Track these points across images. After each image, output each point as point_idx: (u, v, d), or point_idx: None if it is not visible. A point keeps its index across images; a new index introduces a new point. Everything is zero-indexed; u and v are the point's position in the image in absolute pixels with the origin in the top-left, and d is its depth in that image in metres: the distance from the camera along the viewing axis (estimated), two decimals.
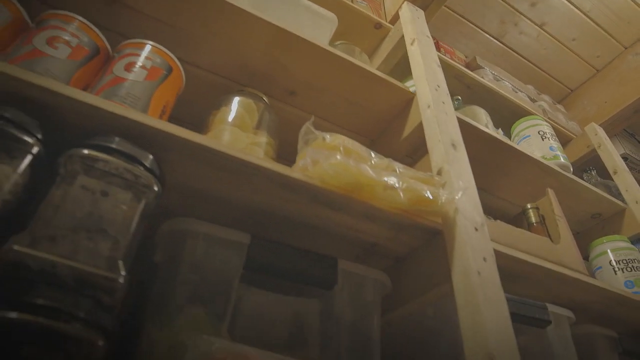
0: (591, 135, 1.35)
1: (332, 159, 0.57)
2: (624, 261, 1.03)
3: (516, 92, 1.41)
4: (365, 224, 0.62)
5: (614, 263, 1.04)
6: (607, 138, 1.33)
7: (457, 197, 0.60)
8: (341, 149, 0.63)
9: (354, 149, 0.65)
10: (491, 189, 1.10)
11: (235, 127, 0.72)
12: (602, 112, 1.49)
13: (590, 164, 1.41)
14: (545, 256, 0.78)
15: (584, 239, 1.13)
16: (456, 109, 1.15)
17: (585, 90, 1.61)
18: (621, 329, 0.97)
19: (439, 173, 0.67)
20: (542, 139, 1.12)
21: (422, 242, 0.66)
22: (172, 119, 0.61)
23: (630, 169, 1.49)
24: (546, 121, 1.21)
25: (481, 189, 1.11)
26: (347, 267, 0.60)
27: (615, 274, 1.03)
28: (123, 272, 0.38)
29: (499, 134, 1.05)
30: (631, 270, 1.01)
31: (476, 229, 0.60)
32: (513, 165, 1.05)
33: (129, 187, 0.44)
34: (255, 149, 0.71)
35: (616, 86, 1.49)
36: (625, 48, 1.52)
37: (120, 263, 0.39)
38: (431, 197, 0.59)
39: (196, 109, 0.79)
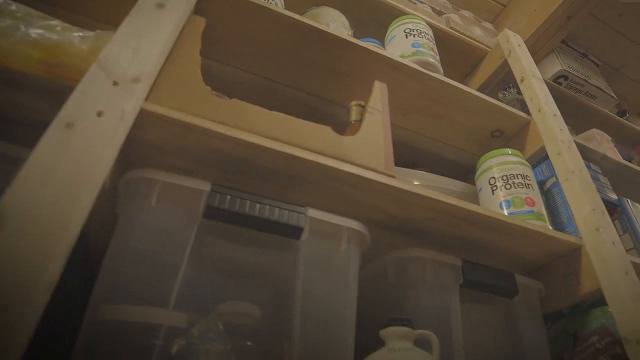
0: (503, 44, 1.10)
1: None
2: (505, 177, 0.80)
3: (414, 3, 1.18)
4: (15, 95, 0.46)
5: (494, 180, 0.81)
6: (521, 45, 1.08)
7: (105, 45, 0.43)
8: None
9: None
10: (334, 97, 0.90)
11: None
12: (532, 23, 1.23)
13: (511, 81, 1.16)
14: (321, 149, 0.58)
15: None
16: (303, 13, 0.96)
17: (517, 2, 1.35)
18: (476, 256, 0.75)
19: None
20: (406, 37, 0.90)
21: None
22: None
23: (573, 89, 1.24)
24: (424, 21, 0.99)
25: (321, 97, 0.92)
26: None
27: (493, 193, 0.80)
28: None
29: (342, 33, 0.85)
30: (511, 188, 0.78)
31: (115, 83, 0.42)
32: (358, 66, 0.84)
33: None
34: None
35: None
36: None
37: None
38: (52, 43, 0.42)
39: None
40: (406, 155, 1.05)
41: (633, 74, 1.54)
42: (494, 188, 0.80)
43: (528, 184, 0.79)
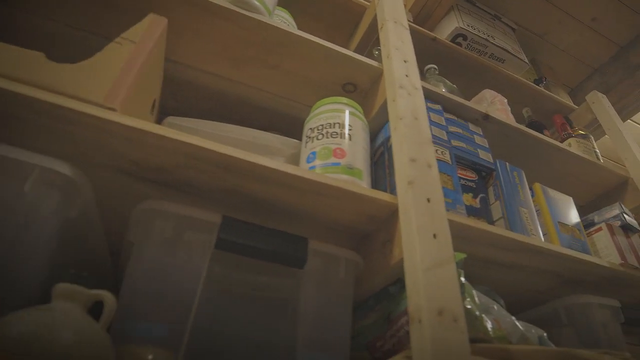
0: None
1: None
2: (321, 127, 0.66)
3: None
4: None
5: (310, 131, 0.67)
6: None
7: None
8: None
9: None
10: (181, 55, 0.78)
11: None
12: None
13: None
14: (22, 77, 0.45)
15: None
16: None
17: None
18: (280, 221, 0.62)
19: None
20: None
21: None
22: None
23: (475, 51, 1.10)
24: None
25: None
26: None
27: (306, 145, 0.66)
28: None
29: None
30: (323, 138, 0.64)
31: None
32: (161, 9, 0.71)
33: None
34: None
35: None
36: None
37: None
38: None
39: None
40: (259, 117, 0.92)
41: (559, 42, 1.40)
42: (308, 140, 0.66)
43: (345, 134, 0.64)
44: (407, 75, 0.73)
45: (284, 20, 0.93)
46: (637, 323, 0.77)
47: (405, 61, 0.76)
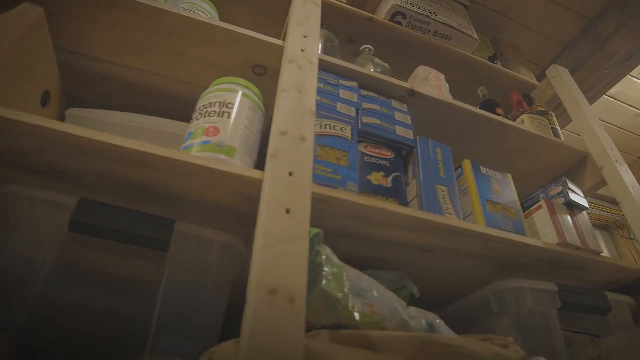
0: None
1: None
2: (203, 107, 0.63)
3: None
4: None
5: (193, 114, 0.64)
6: None
7: None
8: None
9: None
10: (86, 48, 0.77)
11: None
12: None
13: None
14: None
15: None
16: None
17: None
18: (171, 207, 0.59)
19: None
20: None
21: None
22: None
23: (418, 29, 1.05)
24: None
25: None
26: None
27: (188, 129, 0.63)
28: None
29: None
30: (201, 118, 0.61)
31: None
32: None
33: None
34: None
35: None
36: None
37: None
38: None
39: None
40: (180, 108, 0.88)
41: (523, 19, 1.33)
42: (191, 122, 0.63)
43: (224, 113, 0.61)
44: (303, 50, 0.69)
45: (201, 10, 0.90)
46: (577, 308, 0.69)
47: (305, 37, 0.72)
